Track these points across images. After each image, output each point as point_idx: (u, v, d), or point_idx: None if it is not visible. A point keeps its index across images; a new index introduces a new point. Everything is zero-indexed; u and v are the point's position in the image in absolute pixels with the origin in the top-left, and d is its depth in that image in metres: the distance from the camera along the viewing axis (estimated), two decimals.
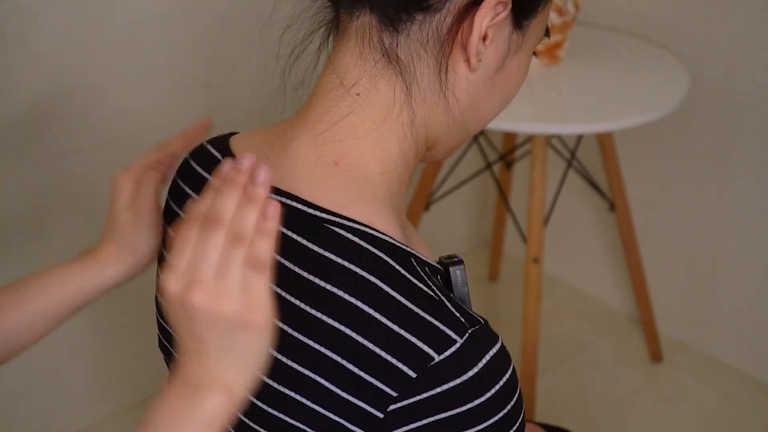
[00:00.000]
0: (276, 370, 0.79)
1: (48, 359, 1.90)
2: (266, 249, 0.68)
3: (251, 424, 0.82)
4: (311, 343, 0.78)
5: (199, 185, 0.90)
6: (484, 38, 0.80)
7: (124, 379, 2.03)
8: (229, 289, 0.67)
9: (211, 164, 0.90)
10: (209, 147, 0.93)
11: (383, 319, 0.76)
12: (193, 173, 0.92)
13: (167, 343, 0.95)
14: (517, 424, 0.79)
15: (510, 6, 0.80)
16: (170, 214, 0.94)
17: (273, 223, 0.68)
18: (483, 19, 0.79)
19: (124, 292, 1.93)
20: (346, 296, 0.77)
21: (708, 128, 2.07)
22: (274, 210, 0.68)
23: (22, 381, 1.88)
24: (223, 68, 1.91)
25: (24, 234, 1.79)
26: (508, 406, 0.77)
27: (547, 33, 0.88)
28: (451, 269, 0.83)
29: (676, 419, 2.08)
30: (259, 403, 0.81)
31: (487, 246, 2.56)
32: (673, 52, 2.02)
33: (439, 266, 0.84)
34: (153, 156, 0.96)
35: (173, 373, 0.72)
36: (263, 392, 0.80)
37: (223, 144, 0.91)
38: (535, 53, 0.89)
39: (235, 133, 0.93)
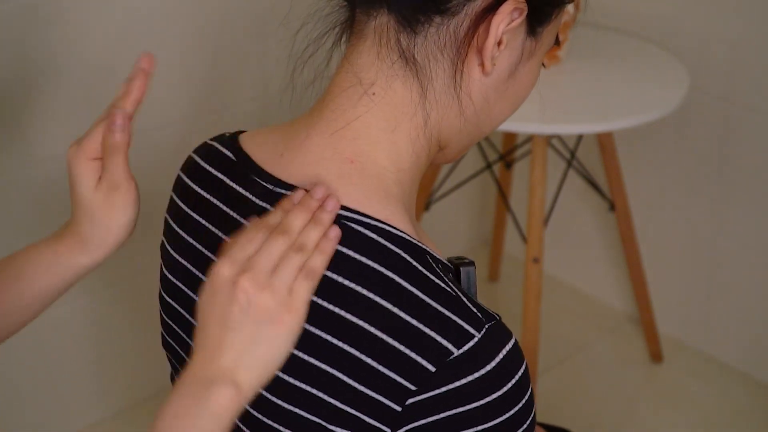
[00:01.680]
0: (294, 365, 0.79)
1: (48, 359, 1.90)
2: (321, 263, 0.76)
3: (268, 421, 0.82)
4: (330, 338, 0.78)
5: (210, 185, 0.90)
6: (499, 43, 0.81)
7: (124, 379, 2.03)
8: (277, 284, 0.73)
9: (222, 163, 0.90)
10: (217, 145, 0.93)
11: (402, 314, 0.77)
12: (203, 173, 0.92)
13: (172, 342, 0.95)
14: (529, 420, 0.79)
15: (526, 12, 0.81)
16: (179, 214, 0.93)
17: (333, 244, 0.77)
18: (499, 24, 0.80)
19: (123, 292, 1.93)
20: (365, 291, 0.78)
21: (708, 128, 2.07)
22: (336, 233, 0.77)
23: (23, 381, 1.88)
24: (225, 67, 1.90)
25: (23, 235, 1.78)
26: (522, 402, 0.78)
27: (557, 41, 0.89)
28: (462, 269, 0.84)
29: (676, 419, 2.08)
30: (276, 400, 0.81)
31: (487, 246, 2.56)
32: (673, 52, 2.03)
33: (450, 265, 0.84)
34: (106, 127, 0.89)
35: (185, 369, 0.74)
36: (281, 388, 0.80)
37: (232, 142, 0.91)
38: (543, 64, 0.89)
39: (243, 131, 0.93)
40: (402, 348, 0.76)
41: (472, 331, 0.77)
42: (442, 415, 0.76)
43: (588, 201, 2.36)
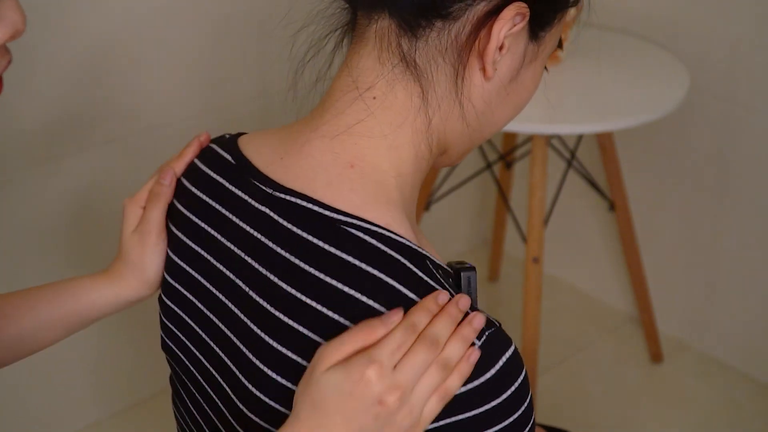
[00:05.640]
0: (294, 370, 0.79)
1: (48, 360, 1.89)
2: (458, 386, 0.74)
3: (263, 423, 0.82)
4: None
5: (209, 188, 0.90)
6: (501, 48, 0.80)
7: (123, 379, 2.03)
8: (416, 403, 0.73)
9: (221, 165, 0.90)
10: (217, 148, 0.92)
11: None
12: (201, 175, 0.92)
13: (171, 344, 0.95)
14: (528, 427, 0.79)
15: (528, 17, 0.80)
16: (177, 215, 0.94)
17: (471, 368, 0.75)
18: (501, 29, 0.79)
19: None
20: (364, 298, 0.77)
21: (708, 128, 2.07)
22: (476, 356, 0.75)
23: (22, 381, 1.88)
24: (226, 68, 1.90)
25: (25, 237, 1.78)
26: (521, 410, 0.78)
27: (560, 45, 0.88)
28: (463, 274, 0.83)
29: (676, 419, 2.08)
30: (273, 404, 0.80)
31: (487, 246, 2.56)
32: (673, 52, 2.03)
33: (450, 270, 0.84)
34: (155, 180, 0.99)
35: None
36: (278, 392, 0.80)
37: (231, 145, 0.91)
38: (545, 68, 0.89)
39: (242, 134, 0.93)
40: None
41: None
42: (441, 423, 0.76)
43: (588, 201, 2.36)
